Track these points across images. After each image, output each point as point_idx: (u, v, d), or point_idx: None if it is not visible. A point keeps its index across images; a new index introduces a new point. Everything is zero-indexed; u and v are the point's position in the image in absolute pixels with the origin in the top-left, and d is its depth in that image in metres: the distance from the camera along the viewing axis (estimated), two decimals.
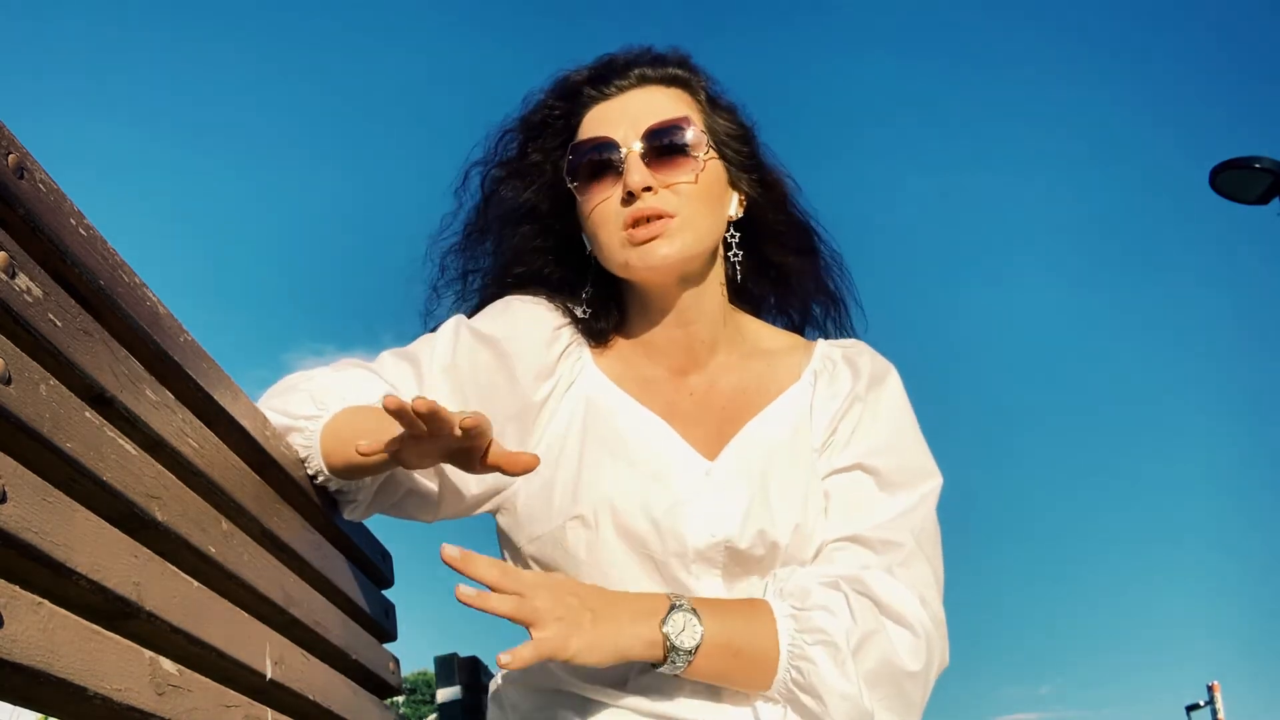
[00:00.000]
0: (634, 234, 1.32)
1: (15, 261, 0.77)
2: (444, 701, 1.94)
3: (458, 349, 1.36)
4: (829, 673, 1.21)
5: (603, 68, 1.40)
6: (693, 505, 1.29)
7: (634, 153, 1.33)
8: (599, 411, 1.36)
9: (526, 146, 1.44)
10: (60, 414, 0.78)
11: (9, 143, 0.79)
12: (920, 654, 1.25)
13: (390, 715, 1.46)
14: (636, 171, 1.32)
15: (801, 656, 1.22)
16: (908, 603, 1.26)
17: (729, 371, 1.41)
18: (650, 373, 1.40)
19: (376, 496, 1.34)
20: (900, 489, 1.33)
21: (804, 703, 1.22)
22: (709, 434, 1.36)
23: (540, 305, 1.42)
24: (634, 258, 1.33)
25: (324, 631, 1.25)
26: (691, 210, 1.33)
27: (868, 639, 1.23)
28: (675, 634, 1.19)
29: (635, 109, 1.36)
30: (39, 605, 0.72)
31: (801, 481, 1.33)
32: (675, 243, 1.32)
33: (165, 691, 0.86)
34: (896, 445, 1.36)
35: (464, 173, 1.48)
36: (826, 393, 1.39)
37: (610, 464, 1.31)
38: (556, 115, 1.41)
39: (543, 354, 1.38)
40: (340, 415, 1.26)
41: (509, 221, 1.45)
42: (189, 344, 1.04)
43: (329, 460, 1.26)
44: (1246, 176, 7.67)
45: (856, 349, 1.44)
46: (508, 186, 1.45)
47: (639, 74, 1.39)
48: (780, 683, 1.23)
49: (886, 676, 1.23)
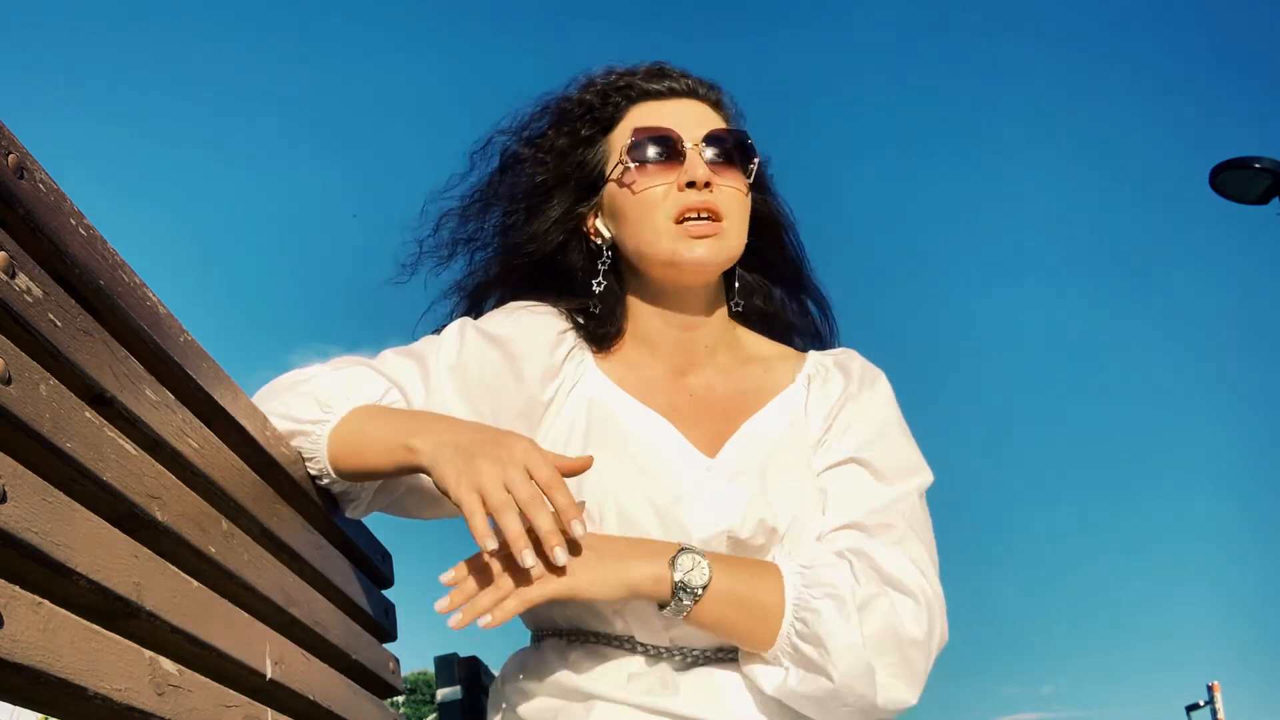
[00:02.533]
0: (690, 227, 1.35)
1: (15, 261, 0.77)
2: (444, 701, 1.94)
3: (464, 348, 1.37)
4: (833, 622, 1.22)
5: (658, 70, 1.43)
6: (695, 498, 1.31)
7: (700, 146, 1.37)
8: (602, 411, 1.37)
9: (559, 128, 1.44)
10: (60, 414, 0.78)
11: (9, 143, 0.79)
12: (923, 621, 1.25)
13: (390, 715, 1.46)
14: (701, 165, 1.36)
15: (807, 608, 1.23)
16: (909, 572, 1.27)
17: (726, 375, 1.43)
18: (651, 374, 1.42)
19: (378, 494, 1.35)
20: (892, 481, 1.35)
21: (806, 653, 1.23)
22: (709, 432, 1.37)
23: (544, 310, 1.43)
24: (684, 248, 1.35)
25: (324, 631, 1.25)
26: (736, 219, 1.38)
27: (872, 600, 1.24)
28: (684, 572, 1.21)
29: (693, 114, 1.40)
30: (39, 605, 0.72)
31: (799, 476, 1.35)
32: (722, 247, 1.36)
33: (165, 691, 0.86)
34: (887, 440, 1.39)
35: (487, 138, 1.49)
36: (820, 394, 1.42)
37: (613, 460, 1.32)
38: (601, 105, 1.42)
39: (549, 355, 1.39)
40: (349, 420, 1.26)
41: (522, 198, 1.45)
42: (189, 344, 1.04)
43: (337, 465, 1.26)
44: (1246, 176, 7.67)
45: (848, 355, 1.48)
46: (529, 163, 1.45)
47: (690, 85, 1.43)
48: (784, 636, 1.24)
49: (891, 641, 1.23)
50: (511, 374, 1.37)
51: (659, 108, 1.41)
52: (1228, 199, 7.79)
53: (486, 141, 1.48)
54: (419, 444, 1.19)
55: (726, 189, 1.37)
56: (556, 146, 1.43)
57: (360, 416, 1.26)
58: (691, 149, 1.36)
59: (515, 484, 1.12)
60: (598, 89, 1.43)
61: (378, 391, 1.31)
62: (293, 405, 1.27)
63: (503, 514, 1.12)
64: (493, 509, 1.12)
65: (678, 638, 1.29)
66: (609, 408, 1.38)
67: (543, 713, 1.32)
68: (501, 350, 1.37)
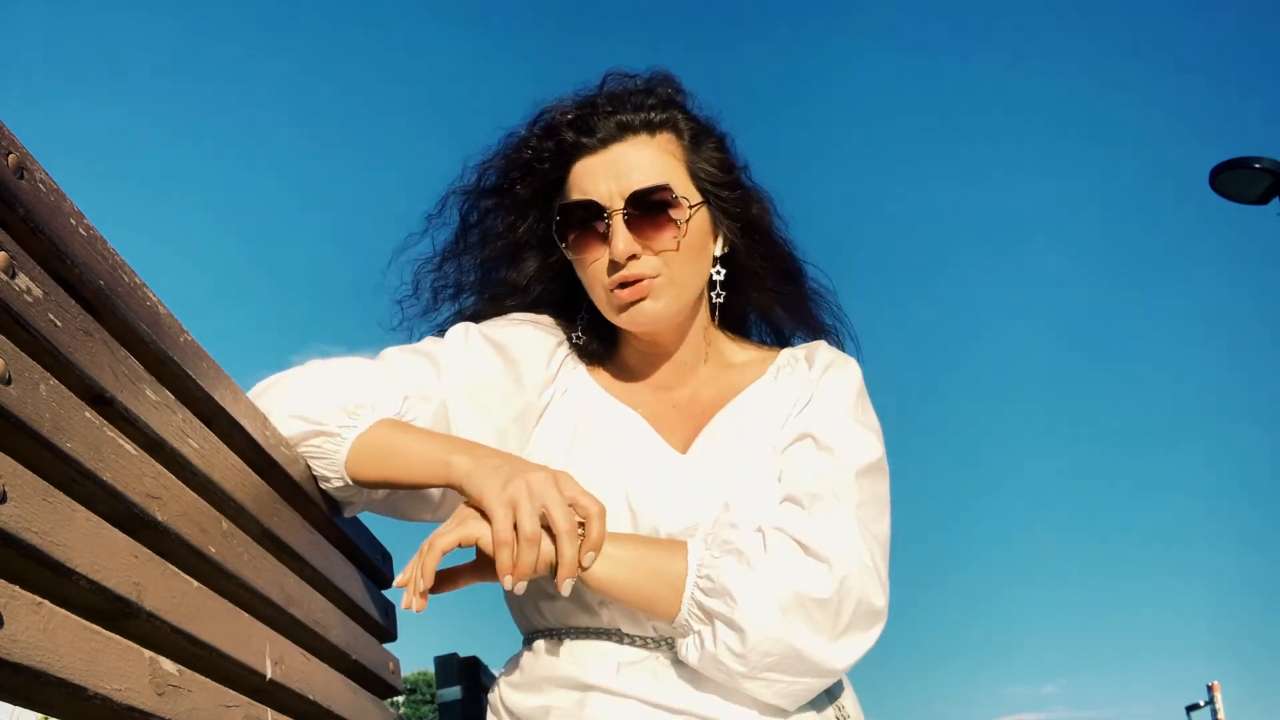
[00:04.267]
0: (620, 296, 1.38)
1: (15, 261, 0.77)
2: (444, 701, 1.94)
3: (470, 350, 1.41)
4: (736, 573, 1.23)
5: (584, 110, 1.41)
6: (666, 495, 1.34)
7: (618, 216, 1.36)
8: (589, 414, 1.44)
9: (516, 182, 1.46)
10: (60, 414, 0.78)
11: (9, 143, 0.79)
12: (831, 584, 1.24)
13: (390, 715, 1.46)
14: (621, 239, 1.36)
15: (710, 566, 1.25)
16: (824, 542, 1.26)
17: (709, 385, 1.48)
18: (637, 386, 1.48)
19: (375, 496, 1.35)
20: (837, 452, 1.34)
21: (712, 608, 1.23)
22: (685, 432, 1.42)
23: (542, 322, 1.49)
24: (624, 319, 1.40)
25: (324, 631, 1.25)
26: (676, 269, 1.38)
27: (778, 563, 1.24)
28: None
29: (620, 166, 1.38)
30: (39, 605, 0.72)
31: (764, 463, 1.37)
32: (660, 301, 1.38)
33: (165, 691, 0.86)
34: (835, 415, 1.39)
35: (442, 201, 1.51)
36: (788, 381, 1.45)
37: (595, 459, 1.37)
38: (543, 155, 1.43)
39: (546, 364, 1.46)
40: (378, 430, 1.28)
41: (502, 251, 1.49)
42: (189, 344, 1.04)
43: (355, 471, 1.28)
44: (1246, 176, 7.67)
45: (818, 346, 1.50)
46: (497, 218, 1.49)
47: (619, 122, 1.40)
48: (688, 597, 1.24)
49: (796, 602, 1.23)
50: (512, 379, 1.42)
51: (588, 166, 1.39)
52: (1228, 199, 7.79)
53: (443, 204, 1.51)
54: (458, 460, 1.23)
55: (655, 253, 1.37)
56: (522, 199, 1.46)
57: (392, 428, 1.29)
58: (616, 219, 1.36)
59: (554, 508, 1.18)
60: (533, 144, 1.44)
61: (398, 399, 1.33)
62: (311, 407, 1.28)
63: (527, 547, 1.16)
64: (524, 537, 1.16)
65: (662, 628, 1.30)
66: (596, 411, 1.44)
67: (536, 709, 1.33)
68: (503, 355, 1.42)
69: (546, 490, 1.18)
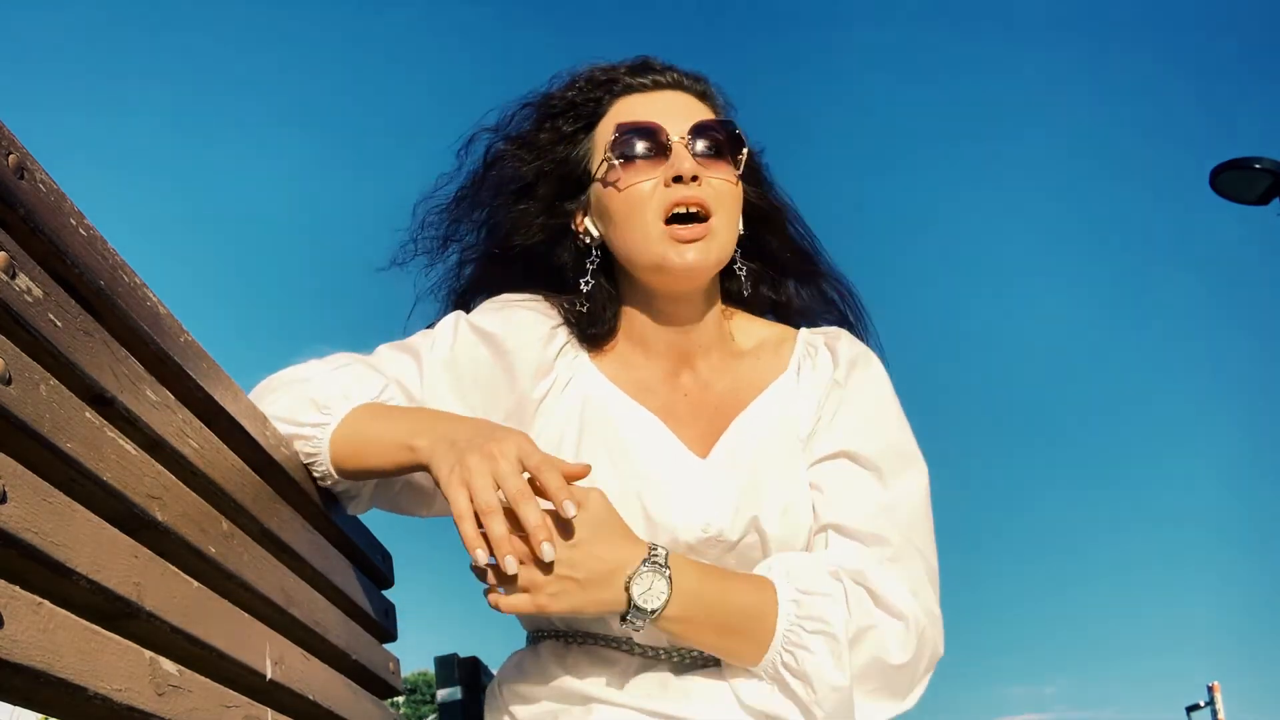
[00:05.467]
0: (678, 230, 1.32)
1: (15, 261, 0.77)
2: (444, 701, 1.94)
3: (457, 344, 1.37)
4: (824, 664, 1.21)
5: (641, 64, 1.41)
6: (685, 501, 1.30)
7: (686, 139, 1.34)
8: (596, 410, 1.36)
9: (541, 124, 1.42)
10: (60, 414, 0.78)
11: (9, 143, 0.79)
12: (909, 646, 1.25)
13: (390, 715, 1.46)
14: (688, 158, 1.32)
15: (798, 644, 1.22)
16: (901, 596, 1.26)
17: (721, 372, 1.41)
18: (646, 373, 1.40)
19: (377, 492, 1.35)
20: (885, 476, 1.32)
21: (793, 688, 1.22)
22: (702, 432, 1.36)
23: (537, 304, 1.42)
24: (673, 254, 1.32)
25: (324, 631, 1.25)
26: (725, 216, 1.34)
27: (863, 633, 1.23)
28: (639, 593, 1.17)
29: (678, 106, 1.37)
30: (39, 605, 0.72)
31: (790, 471, 1.33)
32: (711, 249, 1.33)
33: (165, 691, 0.86)
34: (878, 429, 1.36)
35: (470, 135, 1.46)
36: (810, 380, 1.39)
37: (606, 461, 1.31)
38: (584, 101, 1.40)
39: (541, 352, 1.38)
40: (349, 421, 1.26)
41: (506, 195, 1.43)
42: (189, 344, 1.04)
43: (340, 465, 1.27)
44: (1246, 176, 7.66)
45: (836, 334, 1.45)
46: (511, 160, 1.43)
47: (675, 77, 1.40)
48: (770, 662, 1.23)
49: (875, 671, 1.23)
50: (503, 371, 1.36)
51: (643, 101, 1.38)
52: (1228, 199, 7.79)
53: (470, 139, 1.46)
54: (419, 443, 1.19)
55: (715, 182, 1.33)
56: (539, 142, 1.41)
57: (361, 417, 1.26)
58: (678, 142, 1.33)
59: (504, 477, 1.11)
60: (580, 84, 1.41)
61: (375, 389, 1.30)
62: (292, 408, 1.27)
63: (489, 518, 1.11)
64: (480, 511, 1.11)
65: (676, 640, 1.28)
66: (604, 407, 1.36)
67: (541, 716, 1.32)
68: (494, 347, 1.37)
69: (494, 463, 1.12)
